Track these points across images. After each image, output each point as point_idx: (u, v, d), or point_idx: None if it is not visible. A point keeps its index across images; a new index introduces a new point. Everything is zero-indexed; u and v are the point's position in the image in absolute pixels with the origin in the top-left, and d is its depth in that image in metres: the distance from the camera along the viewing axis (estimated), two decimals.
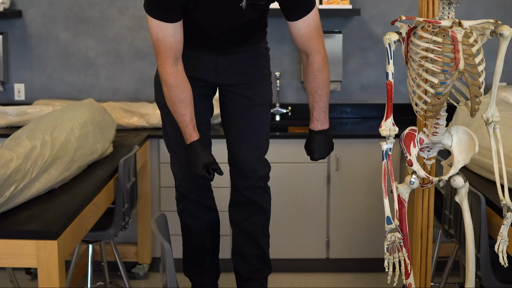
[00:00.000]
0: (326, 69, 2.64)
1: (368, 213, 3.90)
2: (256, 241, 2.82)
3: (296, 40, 2.58)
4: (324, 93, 2.66)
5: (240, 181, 2.76)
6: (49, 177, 2.74)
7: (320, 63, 2.61)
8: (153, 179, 3.93)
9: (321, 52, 2.60)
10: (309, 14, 2.51)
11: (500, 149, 2.04)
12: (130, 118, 4.01)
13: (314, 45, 2.58)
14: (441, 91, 1.91)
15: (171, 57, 2.48)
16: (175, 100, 2.53)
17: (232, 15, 2.50)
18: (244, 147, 2.72)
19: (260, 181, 2.75)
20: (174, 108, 2.55)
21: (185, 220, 2.88)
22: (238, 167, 2.74)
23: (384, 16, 4.27)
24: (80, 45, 4.33)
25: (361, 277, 3.93)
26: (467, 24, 1.92)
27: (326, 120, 2.71)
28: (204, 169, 2.55)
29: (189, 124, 2.56)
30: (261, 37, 2.77)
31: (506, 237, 2.03)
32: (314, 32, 2.56)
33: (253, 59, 2.72)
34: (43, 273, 2.34)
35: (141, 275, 3.97)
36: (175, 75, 2.51)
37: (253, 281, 2.84)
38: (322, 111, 2.69)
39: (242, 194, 2.76)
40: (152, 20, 2.45)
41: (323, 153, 2.73)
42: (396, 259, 2.02)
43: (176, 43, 2.47)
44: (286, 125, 4.23)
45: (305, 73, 2.66)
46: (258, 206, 2.77)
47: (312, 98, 2.67)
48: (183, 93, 2.53)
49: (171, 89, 2.52)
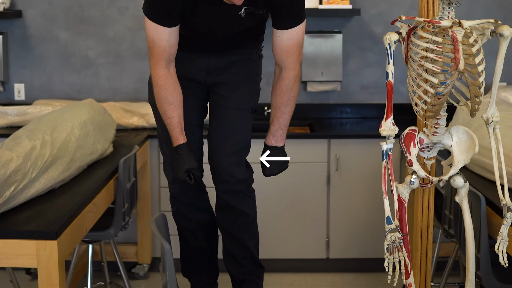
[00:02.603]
0: (295, 87, 2.63)
1: (368, 213, 3.90)
2: (244, 244, 2.80)
3: (274, 50, 2.58)
4: (287, 111, 2.65)
5: (218, 184, 2.74)
6: (49, 177, 2.74)
7: (291, 80, 2.60)
8: (153, 179, 3.94)
9: (295, 69, 2.59)
10: (295, 28, 2.51)
11: (500, 149, 2.04)
12: (130, 118, 4.01)
13: (290, 61, 2.57)
14: (441, 91, 1.91)
15: (163, 60, 2.51)
16: (164, 102, 2.56)
17: (230, 23, 2.51)
18: (220, 151, 2.69)
19: (238, 185, 2.70)
20: (162, 110, 2.58)
21: (180, 222, 2.87)
22: (214, 170, 2.72)
23: (384, 16, 4.27)
24: (80, 45, 4.33)
25: (361, 277, 3.93)
26: (467, 24, 1.92)
27: (282, 137, 2.69)
28: (186, 173, 2.58)
29: (176, 127, 2.57)
30: (257, 42, 2.77)
31: (506, 237, 2.03)
32: (295, 49, 2.55)
33: (243, 63, 2.72)
34: (43, 273, 2.34)
35: (141, 275, 3.97)
36: (165, 78, 2.53)
37: (247, 281, 2.83)
38: (280, 127, 2.67)
39: (221, 198, 2.75)
40: (150, 23, 2.46)
41: (274, 170, 2.71)
42: (396, 259, 2.02)
43: (170, 47, 2.49)
44: None
45: (274, 86, 2.65)
46: (239, 211, 2.74)
47: (274, 112, 2.67)
48: (172, 96, 2.55)
49: (160, 91, 2.55)
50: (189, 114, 2.66)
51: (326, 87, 4.26)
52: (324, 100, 4.35)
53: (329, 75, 4.20)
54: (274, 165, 2.71)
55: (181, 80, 2.62)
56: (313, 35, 4.17)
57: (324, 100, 4.36)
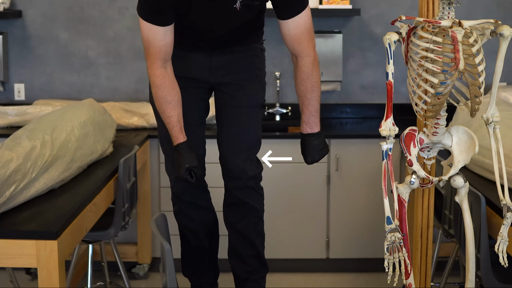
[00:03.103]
0: (315, 72, 2.60)
1: (368, 213, 3.90)
2: (251, 241, 2.82)
3: (285, 40, 2.57)
4: (314, 97, 2.63)
5: (230, 181, 2.76)
6: (49, 177, 2.74)
7: (309, 66, 2.58)
8: (153, 179, 3.94)
9: (310, 55, 2.57)
10: (300, 14, 2.50)
11: (500, 149, 2.04)
12: (130, 118, 4.01)
13: (303, 48, 2.56)
14: (441, 91, 1.91)
15: (160, 59, 2.50)
16: (162, 102, 2.56)
17: (226, 17, 2.50)
18: (232, 148, 2.71)
19: (249, 181, 2.74)
20: (161, 110, 2.58)
21: (181, 222, 2.88)
22: (226, 167, 2.74)
23: (384, 16, 4.27)
24: (80, 45, 4.33)
25: (361, 277, 3.93)
26: (467, 24, 1.92)
27: (316, 123, 2.67)
28: (187, 172, 2.57)
29: (175, 126, 2.57)
30: (257, 37, 2.77)
31: (506, 237, 2.03)
32: (305, 34, 2.54)
33: (247, 60, 2.72)
34: (43, 273, 2.34)
35: (141, 275, 3.97)
36: (163, 77, 2.53)
37: (251, 281, 2.84)
38: (311, 114, 2.66)
39: (232, 194, 2.77)
40: (144, 23, 2.46)
41: (315, 156, 2.69)
42: (396, 259, 2.02)
43: (165, 46, 2.48)
44: (286, 125, 4.23)
45: (295, 75, 2.64)
46: (250, 207, 2.77)
47: (301, 101, 2.66)
48: (170, 95, 2.55)
49: (158, 91, 2.54)
50: (189, 114, 2.67)
51: (326, 87, 4.26)
52: (324, 100, 4.35)
53: (329, 75, 4.20)
54: (314, 152, 2.68)
55: (180, 80, 2.62)
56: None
57: (324, 100, 4.35)
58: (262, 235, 2.87)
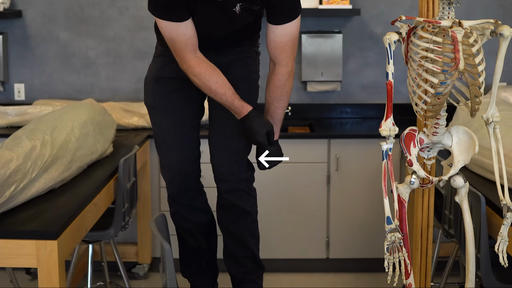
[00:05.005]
0: (289, 83, 2.63)
1: (368, 213, 3.90)
2: (245, 243, 2.81)
3: (269, 45, 2.58)
4: (281, 106, 2.66)
5: (221, 184, 2.75)
6: (49, 177, 2.74)
7: (285, 75, 2.60)
8: (153, 179, 3.94)
9: (288, 65, 2.60)
10: (290, 23, 2.51)
11: (500, 149, 2.04)
12: (130, 118, 4.01)
13: (284, 56, 2.57)
14: (441, 91, 1.91)
15: (188, 52, 2.50)
16: (210, 85, 2.53)
17: (225, 20, 2.50)
18: (222, 151, 2.70)
19: (240, 183, 2.73)
20: (213, 93, 2.55)
21: (178, 223, 2.87)
22: (216, 169, 2.73)
23: (384, 16, 4.27)
24: (80, 45, 4.33)
25: (361, 277, 3.93)
26: (467, 24, 1.92)
27: (276, 132, 2.68)
28: (266, 136, 2.56)
29: (234, 100, 2.54)
30: (253, 40, 2.77)
31: (506, 237, 2.03)
32: (289, 44, 2.55)
33: (241, 62, 2.72)
34: (43, 273, 2.34)
35: (141, 275, 3.97)
36: (199, 64, 2.51)
37: (247, 281, 2.84)
38: (274, 123, 2.67)
39: (223, 197, 2.76)
40: (161, 21, 2.46)
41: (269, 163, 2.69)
42: (396, 259, 2.02)
43: (190, 38, 2.48)
44: (286, 125, 4.23)
45: (268, 81, 2.65)
46: (241, 210, 2.76)
47: (267, 107, 2.68)
48: (213, 75, 2.53)
49: (201, 78, 2.52)
50: (183, 116, 2.67)
51: (326, 87, 4.26)
52: (324, 100, 4.36)
53: (329, 75, 4.21)
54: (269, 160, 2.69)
55: (175, 81, 2.63)
56: (313, 35, 4.17)
57: (324, 100, 4.36)
58: (256, 236, 2.86)
